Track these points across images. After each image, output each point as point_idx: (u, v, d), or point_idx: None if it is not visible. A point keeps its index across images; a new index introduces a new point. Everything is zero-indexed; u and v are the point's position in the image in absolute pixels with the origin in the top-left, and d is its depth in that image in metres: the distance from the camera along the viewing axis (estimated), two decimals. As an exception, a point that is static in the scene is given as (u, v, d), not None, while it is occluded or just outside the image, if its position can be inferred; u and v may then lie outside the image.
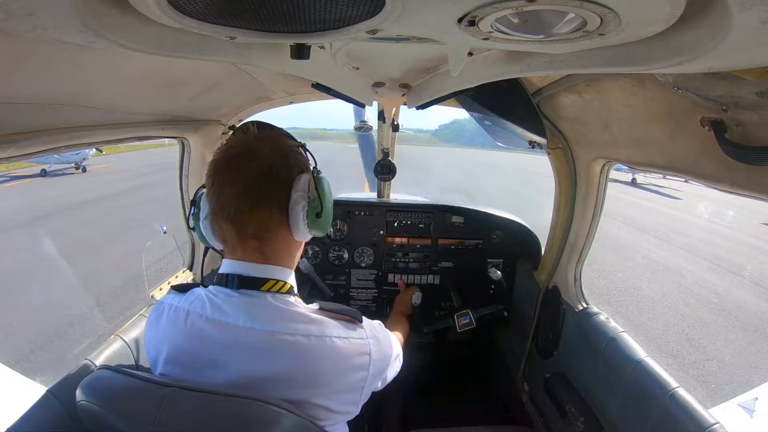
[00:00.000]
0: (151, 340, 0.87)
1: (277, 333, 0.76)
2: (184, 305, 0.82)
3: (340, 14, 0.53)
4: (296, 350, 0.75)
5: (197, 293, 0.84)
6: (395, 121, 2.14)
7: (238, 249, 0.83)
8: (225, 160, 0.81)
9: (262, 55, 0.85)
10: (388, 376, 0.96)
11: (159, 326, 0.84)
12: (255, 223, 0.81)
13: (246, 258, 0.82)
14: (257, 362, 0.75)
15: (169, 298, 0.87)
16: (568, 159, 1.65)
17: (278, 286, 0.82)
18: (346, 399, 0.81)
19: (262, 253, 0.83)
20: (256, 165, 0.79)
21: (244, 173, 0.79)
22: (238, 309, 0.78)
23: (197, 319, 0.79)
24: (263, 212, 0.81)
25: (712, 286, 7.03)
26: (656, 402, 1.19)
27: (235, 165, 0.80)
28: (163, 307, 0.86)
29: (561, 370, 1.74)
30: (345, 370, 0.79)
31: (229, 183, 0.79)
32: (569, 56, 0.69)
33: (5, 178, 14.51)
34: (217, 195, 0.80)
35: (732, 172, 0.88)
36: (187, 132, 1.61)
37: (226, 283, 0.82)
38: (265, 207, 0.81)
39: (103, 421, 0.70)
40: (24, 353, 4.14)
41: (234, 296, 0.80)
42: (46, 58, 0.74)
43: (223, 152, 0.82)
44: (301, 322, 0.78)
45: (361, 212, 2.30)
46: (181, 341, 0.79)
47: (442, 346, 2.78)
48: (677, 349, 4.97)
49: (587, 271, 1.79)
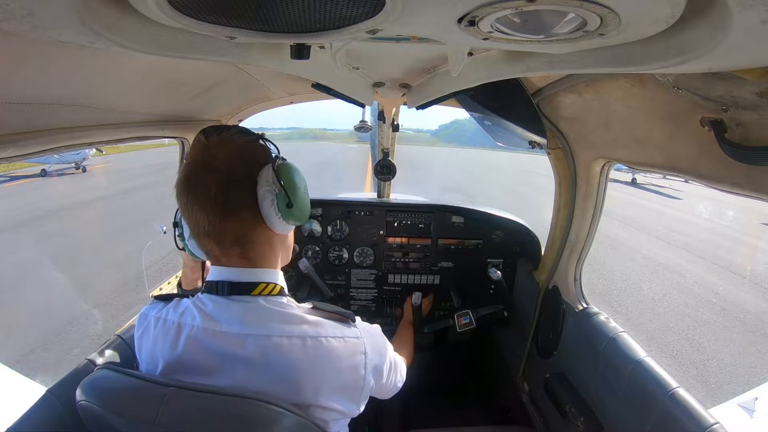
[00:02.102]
0: (143, 354, 0.85)
1: (273, 336, 0.75)
2: (174, 318, 0.81)
3: (340, 14, 0.53)
4: (293, 353, 0.75)
5: (185, 304, 0.82)
6: (395, 121, 2.14)
7: (223, 258, 0.82)
8: (186, 179, 0.79)
9: (262, 55, 0.85)
10: (387, 378, 0.95)
11: (149, 339, 0.83)
12: (231, 233, 0.80)
13: (232, 264, 0.81)
14: (255, 368, 0.75)
15: (154, 310, 0.86)
16: (568, 159, 1.65)
17: (269, 289, 0.82)
18: (345, 398, 0.81)
19: (248, 258, 0.82)
20: (215, 177, 0.76)
21: (206, 188, 0.76)
22: (232, 316, 0.77)
23: (191, 331, 0.78)
24: (236, 220, 0.79)
25: (712, 286, 7.03)
26: (656, 402, 1.19)
27: (195, 181, 0.78)
28: (149, 320, 0.85)
29: (561, 370, 1.74)
30: (342, 369, 0.79)
31: (196, 200, 0.77)
32: (569, 56, 0.69)
33: (5, 178, 14.52)
34: (188, 214, 0.79)
35: (732, 172, 0.88)
36: (187, 132, 1.61)
37: (216, 290, 0.80)
38: (236, 215, 0.79)
39: (103, 420, 0.70)
40: (24, 353, 4.15)
41: (226, 303, 0.79)
42: (46, 58, 0.74)
43: (183, 171, 0.80)
44: (295, 324, 0.78)
45: (361, 212, 2.30)
46: (176, 355, 0.78)
47: (442, 346, 2.78)
48: (677, 349, 4.97)
49: (587, 271, 1.79)
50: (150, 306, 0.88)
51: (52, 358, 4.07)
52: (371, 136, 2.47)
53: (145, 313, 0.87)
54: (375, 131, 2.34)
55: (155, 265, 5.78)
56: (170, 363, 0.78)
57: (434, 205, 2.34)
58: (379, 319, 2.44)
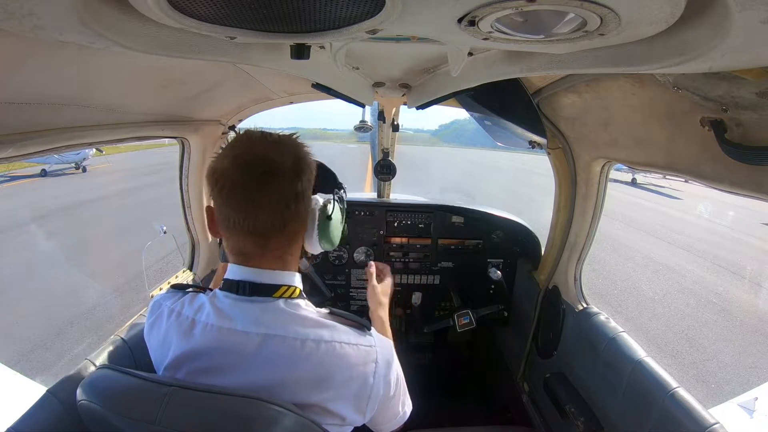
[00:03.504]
0: (153, 344, 0.85)
1: (288, 338, 0.75)
2: (189, 313, 0.81)
3: (340, 14, 0.53)
4: (306, 355, 0.75)
5: (201, 300, 0.82)
6: (395, 121, 2.14)
7: (257, 259, 0.81)
8: (246, 173, 0.76)
9: (262, 55, 0.85)
10: (395, 391, 0.89)
11: (160, 330, 0.83)
12: (283, 238, 0.82)
13: (263, 266, 0.81)
14: (267, 367, 0.74)
15: (169, 300, 0.85)
16: (568, 159, 1.65)
17: (290, 292, 0.82)
18: (352, 406, 0.80)
19: (283, 261, 0.83)
20: (287, 185, 0.77)
21: (275, 191, 0.76)
22: (249, 315, 0.77)
23: (204, 328, 0.78)
24: (292, 228, 0.82)
25: (712, 286, 7.03)
26: (656, 402, 1.19)
27: (263, 181, 0.76)
28: (162, 310, 0.84)
29: (561, 370, 1.74)
30: (353, 376, 0.79)
31: (257, 200, 0.75)
32: (569, 56, 0.69)
33: (5, 178, 14.52)
34: (237, 208, 0.76)
35: (732, 172, 0.88)
36: (187, 132, 1.61)
37: (237, 289, 0.80)
38: (295, 223, 0.82)
39: (103, 420, 0.69)
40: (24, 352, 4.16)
41: (245, 303, 0.79)
42: (46, 58, 0.74)
43: (242, 161, 0.76)
44: (311, 327, 0.78)
45: (361, 212, 2.30)
46: (188, 349, 0.77)
47: (442, 346, 2.78)
48: (677, 349, 4.97)
49: (587, 271, 1.79)
50: (164, 295, 0.88)
51: (52, 356, 4.08)
52: (371, 136, 2.47)
53: (159, 301, 0.86)
54: (375, 131, 2.34)
55: (155, 265, 5.78)
56: (181, 356, 0.78)
57: (434, 205, 2.34)
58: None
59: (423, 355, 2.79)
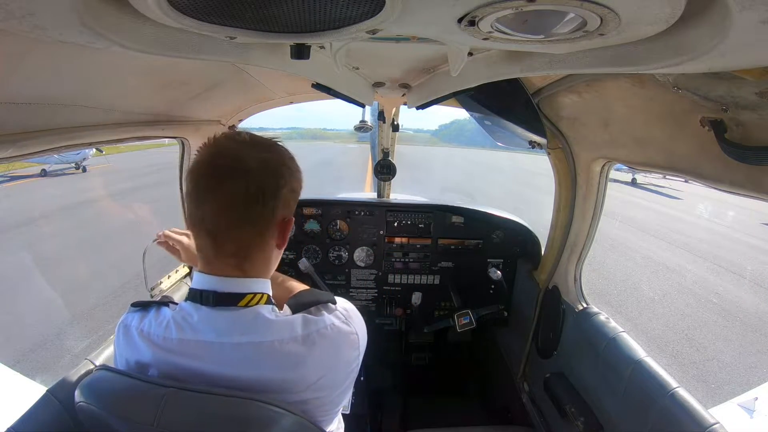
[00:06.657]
0: (131, 364, 0.81)
1: (264, 344, 0.74)
2: (158, 331, 0.77)
3: (340, 14, 0.53)
4: (283, 358, 0.74)
5: (166, 314, 0.79)
6: (395, 121, 2.14)
7: (215, 264, 0.78)
8: (209, 168, 0.75)
9: (262, 55, 0.85)
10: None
11: (132, 348, 0.80)
12: (235, 242, 0.76)
13: (222, 273, 0.77)
14: (248, 373, 0.73)
15: (135, 320, 0.82)
16: (568, 159, 1.65)
17: (256, 299, 0.79)
18: (340, 392, 0.81)
19: (241, 269, 0.78)
20: (243, 184, 0.73)
21: (229, 189, 0.73)
22: (217, 326, 0.75)
23: (175, 344, 0.75)
24: (246, 232, 0.76)
25: (712, 286, 7.03)
26: (656, 402, 1.19)
27: (220, 177, 0.73)
28: (131, 330, 0.81)
29: (561, 370, 1.74)
30: (336, 365, 0.78)
31: (211, 197, 0.73)
32: (569, 56, 0.69)
33: (5, 178, 14.52)
34: (196, 203, 0.75)
35: (732, 172, 0.88)
36: (187, 132, 1.61)
37: (201, 299, 0.77)
38: (249, 227, 0.76)
39: (102, 422, 0.69)
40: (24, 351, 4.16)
41: (212, 314, 0.76)
42: (46, 58, 0.74)
43: (208, 158, 0.76)
44: (283, 330, 0.76)
45: (361, 212, 2.30)
46: (162, 366, 0.76)
47: (442, 346, 2.78)
48: (677, 350, 4.97)
49: (587, 270, 1.79)
50: (129, 314, 0.84)
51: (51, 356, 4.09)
52: (371, 136, 2.47)
53: (127, 324, 0.82)
54: (375, 131, 2.34)
55: (156, 265, 5.78)
56: (158, 373, 0.76)
57: (434, 205, 2.34)
58: (379, 319, 2.44)
59: (423, 355, 2.79)
